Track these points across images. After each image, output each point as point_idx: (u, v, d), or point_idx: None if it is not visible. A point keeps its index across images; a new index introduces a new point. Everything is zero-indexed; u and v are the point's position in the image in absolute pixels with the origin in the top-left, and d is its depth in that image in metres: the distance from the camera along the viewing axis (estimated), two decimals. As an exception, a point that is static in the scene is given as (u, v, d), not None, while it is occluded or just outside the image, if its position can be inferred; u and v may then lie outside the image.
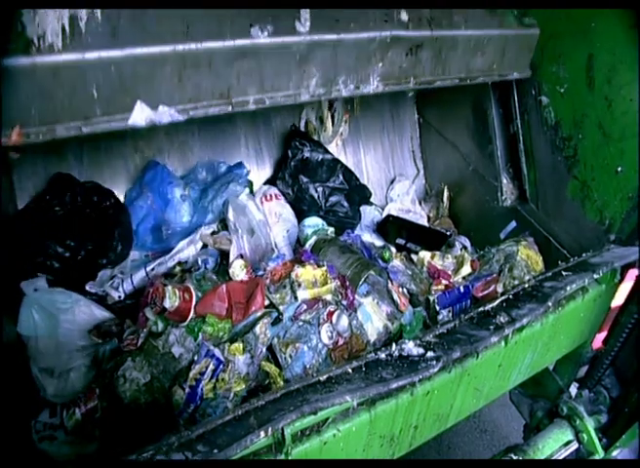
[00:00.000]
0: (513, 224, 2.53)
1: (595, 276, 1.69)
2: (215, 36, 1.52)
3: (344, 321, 1.82)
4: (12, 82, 1.26)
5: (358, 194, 2.82)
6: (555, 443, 1.91)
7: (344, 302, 1.86)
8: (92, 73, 1.35)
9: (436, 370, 1.29)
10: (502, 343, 1.55)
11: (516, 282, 2.08)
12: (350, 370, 1.27)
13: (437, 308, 1.99)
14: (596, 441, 1.92)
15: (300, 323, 1.78)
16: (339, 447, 1.31)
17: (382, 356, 1.33)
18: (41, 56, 1.27)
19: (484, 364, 1.55)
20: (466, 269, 2.20)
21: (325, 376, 1.23)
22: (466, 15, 2.04)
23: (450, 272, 2.22)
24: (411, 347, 1.35)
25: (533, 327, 1.63)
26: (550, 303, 1.55)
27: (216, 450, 1.01)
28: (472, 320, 1.49)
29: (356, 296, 1.90)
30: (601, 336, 2.04)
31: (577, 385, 2.20)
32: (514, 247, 2.23)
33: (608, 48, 1.93)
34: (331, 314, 1.81)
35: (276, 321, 1.79)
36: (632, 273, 1.86)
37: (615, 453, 1.99)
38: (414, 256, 2.34)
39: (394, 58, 1.88)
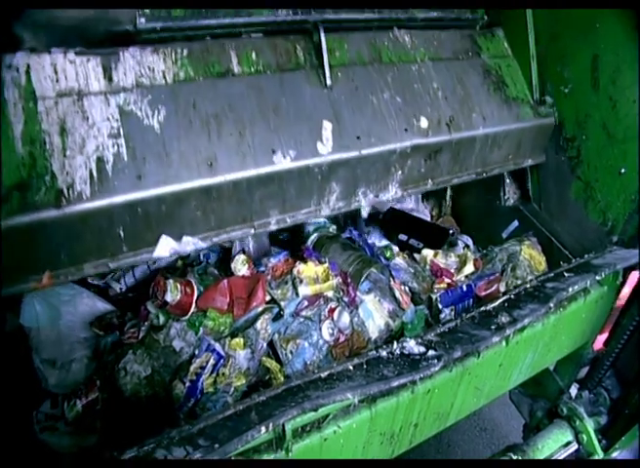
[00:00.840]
0: (515, 224, 2.53)
1: (597, 278, 1.69)
2: (238, 167, 1.55)
3: (346, 318, 1.83)
4: (43, 232, 1.30)
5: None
6: (555, 443, 1.92)
7: (346, 299, 1.87)
8: (119, 215, 1.39)
9: (437, 368, 1.29)
10: (504, 343, 1.55)
11: (519, 282, 2.08)
12: (351, 368, 1.27)
13: (439, 307, 1.99)
14: (596, 442, 1.93)
15: (302, 319, 1.79)
16: (339, 443, 1.32)
17: (384, 354, 1.33)
18: (71, 206, 1.31)
19: (485, 363, 1.55)
20: (469, 268, 2.20)
21: (326, 373, 1.24)
22: (484, 110, 2.06)
23: (452, 270, 2.23)
24: (412, 345, 1.35)
25: (534, 327, 1.64)
26: (552, 304, 1.55)
27: (217, 445, 1.01)
28: (474, 319, 1.49)
29: (358, 293, 1.90)
30: (602, 338, 2.03)
31: (577, 386, 2.20)
32: (517, 246, 2.23)
33: (612, 48, 1.93)
34: (332, 311, 1.81)
35: (277, 317, 1.79)
36: (634, 275, 1.86)
37: (614, 455, 1.99)
38: (416, 255, 2.34)
39: (414, 164, 1.91)
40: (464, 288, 2.05)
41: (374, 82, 1.87)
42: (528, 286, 1.64)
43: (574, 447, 1.94)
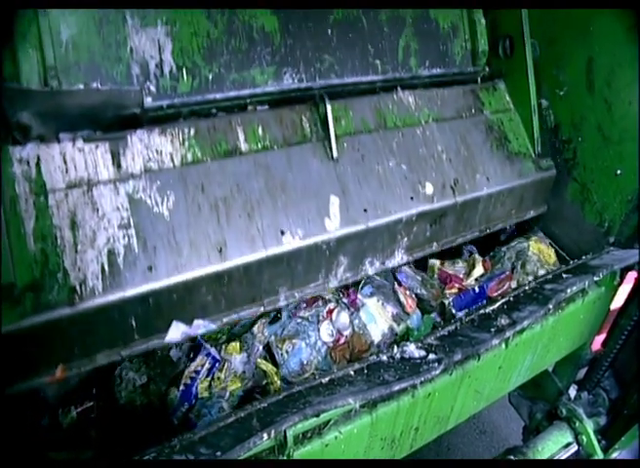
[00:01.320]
0: (512, 227, 2.53)
1: (595, 278, 1.70)
2: (248, 251, 1.55)
3: (344, 318, 1.82)
4: (56, 329, 1.30)
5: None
6: (555, 445, 1.92)
7: (345, 300, 1.86)
8: (131, 307, 1.40)
9: (438, 372, 1.29)
10: (503, 345, 1.55)
11: (530, 277, 2.07)
12: (352, 373, 1.27)
13: (453, 311, 1.97)
14: (595, 443, 1.93)
15: (299, 320, 1.79)
16: (340, 449, 1.31)
17: (384, 358, 1.33)
18: (83, 302, 1.31)
19: (484, 366, 1.55)
20: (479, 270, 2.19)
21: (327, 378, 1.23)
22: (487, 169, 2.08)
23: (461, 276, 2.22)
24: (412, 349, 1.35)
25: (533, 329, 1.64)
26: (551, 306, 1.56)
27: (218, 453, 1.01)
28: (473, 322, 1.49)
29: (359, 297, 1.90)
30: (600, 338, 2.04)
31: (576, 387, 2.20)
32: (524, 243, 2.23)
33: (607, 51, 1.94)
34: (331, 311, 1.81)
35: (274, 319, 1.79)
36: (631, 275, 1.86)
37: (614, 455, 1.99)
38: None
39: (419, 230, 1.92)
40: (476, 289, 2.04)
41: (379, 150, 1.88)
42: (526, 288, 1.65)
43: (574, 448, 1.94)
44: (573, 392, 2.19)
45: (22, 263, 1.28)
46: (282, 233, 1.61)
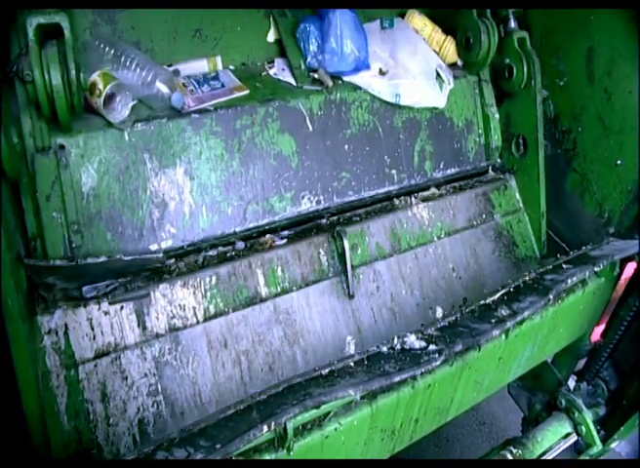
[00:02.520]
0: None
1: (595, 269, 1.69)
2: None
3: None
4: None
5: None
6: (554, 435, 1.92)
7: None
8: None
9: (438, 363, 1.28)
10: (503, 336, 1.54)
11: None
12: (352, 364, 1.26)
13: None
14: (594, 433, 1.93)
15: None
16: (340, 440, 1.31)
17: (384, 349, 1.32)
18: None
19: (485, 357, 1.55)
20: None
21: (327, 370, 1.23)
22: (495, 281, 2.10)
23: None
24: (413, 340, 1.34)
25: (533, 319, 1.63)
26: (551, 296, 1.55)
27: (218, 445, 1.00)
28: (474, 313, 1.49)
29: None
30: (599, 329, 2.04)
31: (575, 378, 2.21)
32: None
33: (607, 41, 1.92)
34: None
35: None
36: (631, 266, 1.86)
37: (613, 445, 2.00)
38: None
39: None
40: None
41: (393, 277, 1.94)
42: (527, 278, 1.64)
43: (573, 438, 1.95)
44: (572, 383, 2.19)
45: (57, 443, 1.30)
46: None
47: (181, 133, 1.61)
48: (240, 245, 1.73)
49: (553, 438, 1.93)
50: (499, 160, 2.30)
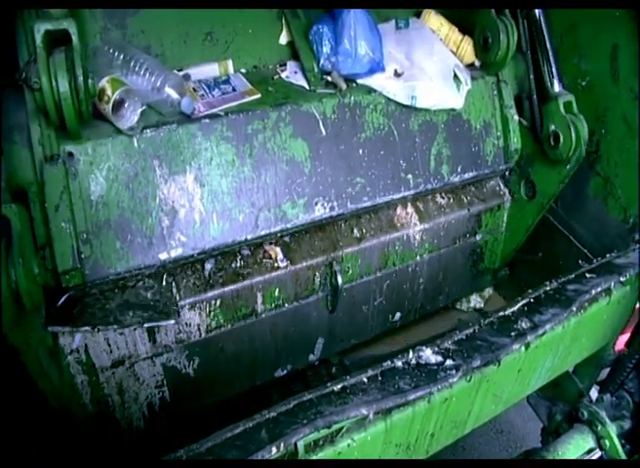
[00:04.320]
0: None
1: (621, 279, 1.62)
2: None
3: None
4: None
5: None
6: (576, 449, 1.85)
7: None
8: None
9: (455, 379, 1.23)
10: (523, 348, 1.48)
11: None
12: (365, 380, 1.21)
13: None
14: (619, 447, 1.85)
15: None
16: (352, 456, 1.27)
17: (399, 364, 1.28)
18: None
19: (504, 370, 1.48)
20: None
21: (339, 386, 1.18)
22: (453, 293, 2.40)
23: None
24: (428, 354, 1.29)
25: (555, 331, 1.56)
26: (574, 308, 1.49)
27: (226, 466, 0.97)
28: (492, 325, 1.43)
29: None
30: (624, 338, 1.96)
31: (597, 389, 2.13)
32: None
33: (634, 37, 1.84)
34: None
35: None
36: (658, 273, 1.78)
37: None
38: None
39: None
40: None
41: (369, 292, 2.09)
42: (548, 288, 1.57)
43: (597, 454, 1.87)
44: (594, 394, 2.11)
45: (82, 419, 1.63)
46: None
47: (192, 138, 1.58)
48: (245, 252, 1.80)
49: (575, 451, 1.85)
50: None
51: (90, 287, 1.49)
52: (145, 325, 1.50)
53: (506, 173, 2.30)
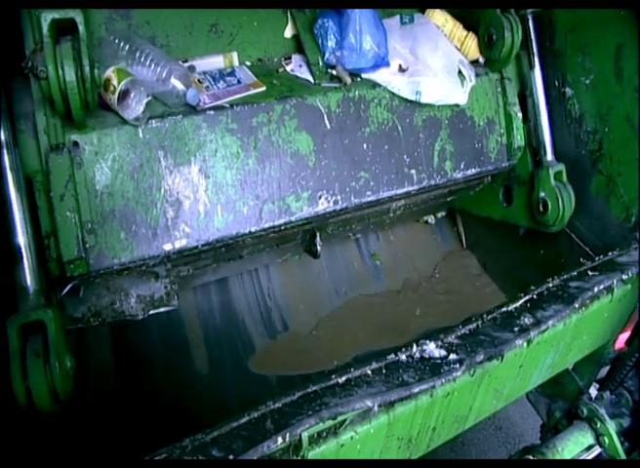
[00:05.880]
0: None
1: (624, 277, 1.63)
2: None
3: None
4: None
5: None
6: (575, 446, 1.85)
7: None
8: None
9: (459, 373, 1.24)
10: (525, 344, 1.49)
11: None
12: (370, 373, 1.22)
13: None
14: (618, 445, 1.86)
15: None
16: (355, 449, 1.27)
17: (403, 357, 1.28)
18: None
19: (505, 365, 1.49)
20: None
21: (344, 378, 1.19)
22: None
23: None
24: (432, 348, 1.30)
25: (556, 327, 1.57)
26: (577, 305, 1.49)
27: (231, 456, 0.97)
28: (495, 321, 1.43)
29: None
30: (624, 336, 1.97)
31: (597, 386, 2.14)
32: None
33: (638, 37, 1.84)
34: None
35: None
36: (660, 272, 1.79)
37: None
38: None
39: None
40: None
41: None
42: (550, 285, 1.58)
43: (596, 451, 1.88)
44: (593, 391, 2.12)
45: None
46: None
47: (197, 130, 1.58)
48: None
49: (575, 448, 1.86)
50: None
51: (94, 276, 1.49)
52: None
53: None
